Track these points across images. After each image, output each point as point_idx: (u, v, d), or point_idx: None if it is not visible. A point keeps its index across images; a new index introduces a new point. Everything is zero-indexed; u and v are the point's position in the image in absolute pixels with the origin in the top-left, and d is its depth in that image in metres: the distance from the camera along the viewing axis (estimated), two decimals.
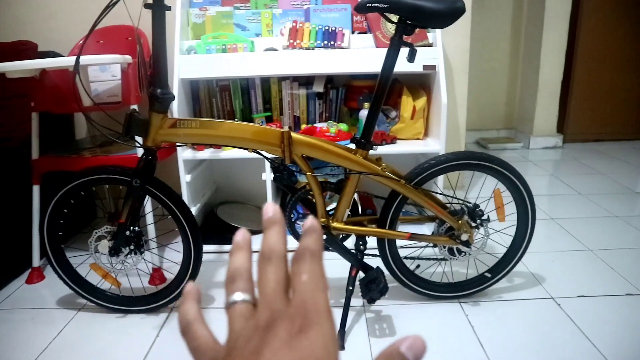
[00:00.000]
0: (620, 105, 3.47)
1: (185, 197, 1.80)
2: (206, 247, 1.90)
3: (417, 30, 1.41)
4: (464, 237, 1.36)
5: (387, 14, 1.23)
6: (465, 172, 2.25)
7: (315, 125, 1.83)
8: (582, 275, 1.65)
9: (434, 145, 1.78)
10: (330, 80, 1.97)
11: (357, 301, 1.51)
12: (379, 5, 1.16)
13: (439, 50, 1.74)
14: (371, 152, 1.31)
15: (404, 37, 1.22)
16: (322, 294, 0.26)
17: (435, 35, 1.79)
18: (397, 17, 1.21)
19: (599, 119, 3.49)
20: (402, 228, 1.86)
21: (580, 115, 3.46)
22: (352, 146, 1.31)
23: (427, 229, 1.89)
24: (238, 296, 0.28)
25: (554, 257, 1.78)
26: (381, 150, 1.77)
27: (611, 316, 1.41)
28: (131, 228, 1.37)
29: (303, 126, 1.86)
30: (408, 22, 1.20)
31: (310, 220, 0.29)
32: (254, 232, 2.00)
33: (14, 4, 2.12)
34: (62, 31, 2.13)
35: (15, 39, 1.94)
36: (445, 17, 1.17)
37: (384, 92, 1.26)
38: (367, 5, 1.17)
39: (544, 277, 1.64)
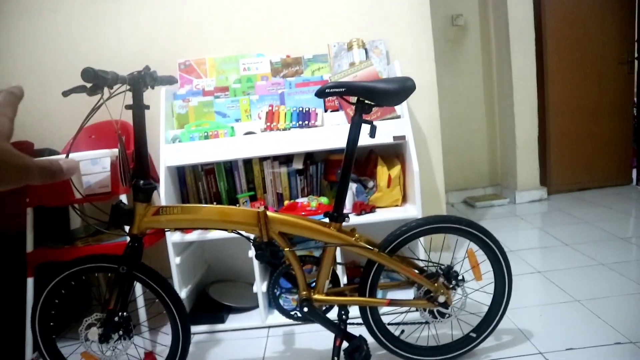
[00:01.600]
0: (598, 153, 3.59)
1: (175, 279, 1.85)
2: (198, 327, 1.92)
3: (375, 108, 1.53)
4: (442, 298, 1.40)
5: (345, 97, 1.35)
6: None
7: (297, 200, 1.91)
8: (569, 327, 1.66)
9: (412, 210, 1.85)
10: (310, 157, 2.08)
11: None
12: (337, 90, 1.28)
13: (407, 121, 1.87)
14: (345, 223, 1.39)
15: (364, 115, 1.33)
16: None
17: (402, 107, 1.92)
18: (356, 98, 1.32)
19: (579, 168, 3.60)
20: (390, 294, 1.90)
21: (560, 166, 3.57)
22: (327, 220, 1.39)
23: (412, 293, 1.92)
24: None
25: (541, 311, 1.80)
26: (361, 219, 1.84)
27: None
28: (120, 314, 1.41)
29: (286, 202, 1.94)
30: (365, 101, 1.32)
31: None
32: (243, 309, 2.03)
33: None
34: (57, 129, 2.27)
35: (13, 140, 2.07)
36: (398, 96, 1.29)
37: (350, 166, 1.35)
38: (326, 90, 1.29)
39: (532, 331, 1.66)
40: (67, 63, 2.26)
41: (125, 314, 1.42)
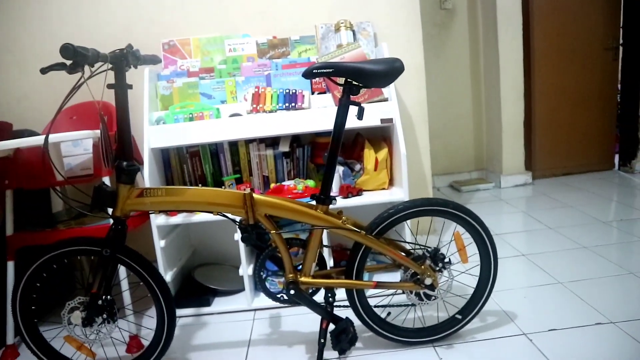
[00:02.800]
0: (583, 139, 3.63)
1: (160, 263, 1.83)
2: (184, 310, 1.91)
3: (364, 90, 1.51)
4: (428, 281, 1.41)
5: (333, 77, 1.33)
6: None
7: (283, 183, 1.90)
8: (552, 309, 1.69)
9: (399, 193, 1.85)
10: (296, 139, 2.06)
11: (332, 354, 1.52)
12: (325, 70, 1.26)
13: (394, 104, 1.85)
14: (332, 206, 1.38)
15: (352, 96, 1.32)
16: None
17: (390, 90, 1.90)
18: (344, 79, 1.31)
19: (564, 154, 3.64)
20: (376, 277, 1.90)
21: (545, 151, 3.60)
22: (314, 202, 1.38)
23: (399, 275, 1.93)
24: None
25: (525, 293, 1.83)
26: (348, 202, 1.83)
27: (581, 347, 1.44)
28: (103, 297, 1.39)
29: (272, 185, 1.92)
30: (353, 83, 1.30)
31: None
32: (229, 292, 2.02)
33: None
34: (36, 110, 2.21)
35: None
36: (386, 77, 1.28)
37: (337, 148, 1.34)
38: (314, 71, 1.26)
39: (516, 313, 1.68)
40: (46, 42, 2.19)
41: (109, 297, 1.41)
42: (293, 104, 1.87)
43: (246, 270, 1.84)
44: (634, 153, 3.57)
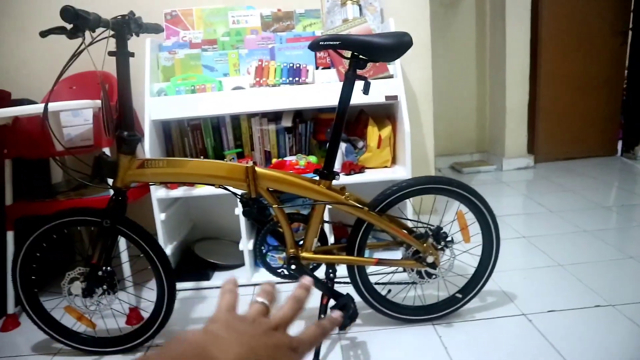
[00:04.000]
0: (586, 124, 3.60)
1: (160, 236, 1.82)
2: (184, 284, 1.91)
3: (372, 63, 1.48)
4: (430, 259, 1.40)
5: (340, 51, 1.30)
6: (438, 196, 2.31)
7: (285, 159, 1.88)
8: (552, 291, 1.69)
9: (401, 172, 1.84)
10: (299, 115, 2.04)
11: None
12: (331, 42, 1.23)
13: (400, 81, 1.82)
14: (335, 182, 1.36)
15: (358, 71, 1.29)
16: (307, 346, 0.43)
17: (395, 67, 1.87)
18: (350, 52, 1.28)
19: (567, 138, 3.61)
20: (376, 255, 1.90)
21: (548, 135, 3.58)
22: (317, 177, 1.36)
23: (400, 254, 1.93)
24: (260, 299, 0.46)
25: (525, 274, 1.83)
26: (350, 179, 1.82)
27: (580, 329, 1.44)
28: (104, 268, 1.39)
29: (274, 160, 1.90)
30: (360, 57, 1.27)
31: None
32: (229, 267, 2.01)
33: None
34: (35, 78, 2.18)
35: None
36: (394, 51, 1.25)
37: (342, 123, 1.32)
38: (320, 43, 1.23)
39: (516, 294, 1.68)
40: (46, 7, 2.14)
41: (109, 268, 1.40)
42: (297, 79, 1.83)
43: (246, 244, 1.84)
44: (637, 139, 3.55)
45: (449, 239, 1.42)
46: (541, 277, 1.80)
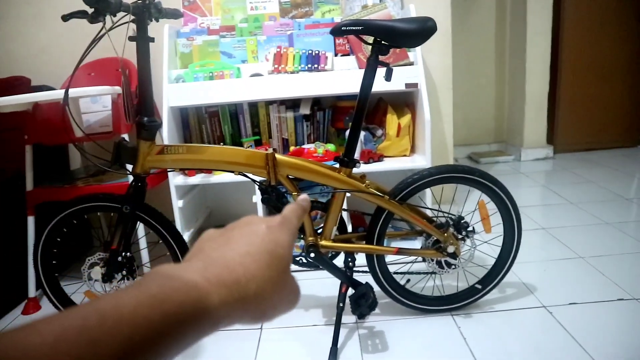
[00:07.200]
0: (608, 114, 3.52)
1: (178, 223, 1.82)
2: None
3: (392, 50, 1.45)
4: (451, 249, 1.38)
5: (362, 36, 1.28)
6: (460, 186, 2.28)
7: (303, 146, 1.86)
8: (573, 283, 1.66)
9: (421, 161, 1.81)
10: (317, 102, 2.02)
11: (350, 318, 1.52)
12: (354, 27, 1.21)
13: (420, 69, 1.79)
14: (356, 170, 1.34)
15: (380, 57, 1.26)
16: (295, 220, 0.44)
17: (415, 54, 1.84)
18: (372, 38, 1.25)
19: (587, 129, 3.54)
20: (394, 244, 1.88)
21: (568, 125, 3.50)
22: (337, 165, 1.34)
23: (419, 243, 1.91)
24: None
25: (545, 266, 1.80)
26: (369, 168, 1.80)
27: (603, 322, 1.42)
28: (123, 254, 1.39)
29: (292, 148, 1.89)
30: (383, 42, 1.24)
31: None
32: None
33: (6, 40, 2.18)
34: (55, 65, 2.18)
35: (8, 74, 2.00)
36: (417, 37, 1.22)
37: (363, 111, 1.29)
38: (342, 28, 1.21)
39: (536, 286, 1.66)
40: None
41: (128, 254, 1.40)
42: (315, 66, 1.81)
43: None
44: None
45: (469, 229, 1.40)
46: (561, 269, 1.77)
